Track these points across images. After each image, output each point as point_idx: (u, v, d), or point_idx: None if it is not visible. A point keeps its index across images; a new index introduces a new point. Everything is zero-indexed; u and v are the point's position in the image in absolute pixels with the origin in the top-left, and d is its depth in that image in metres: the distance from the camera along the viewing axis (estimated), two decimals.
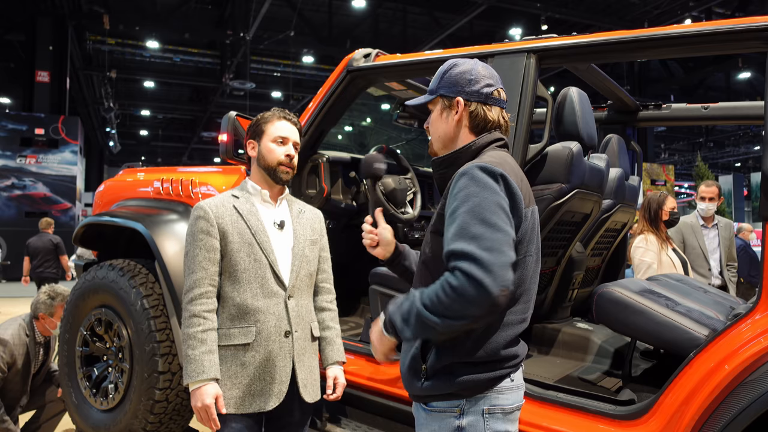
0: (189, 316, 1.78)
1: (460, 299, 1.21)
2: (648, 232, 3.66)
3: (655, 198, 3.74)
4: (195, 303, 1.79)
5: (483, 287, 1.19)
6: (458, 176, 1.34)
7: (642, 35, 2.01)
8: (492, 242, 1.23)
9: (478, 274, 1.19)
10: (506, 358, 1.37)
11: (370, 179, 1.94)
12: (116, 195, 3.34)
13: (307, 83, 21.53)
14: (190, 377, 1.74)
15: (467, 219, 1.26)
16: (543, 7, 15.24)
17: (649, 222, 3.69)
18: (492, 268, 1.20)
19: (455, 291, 1.21)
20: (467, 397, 1.35)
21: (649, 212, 3.69)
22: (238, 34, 16.55)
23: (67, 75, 17.19)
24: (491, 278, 1.19)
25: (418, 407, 1.45)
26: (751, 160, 28.98)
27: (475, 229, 1.24)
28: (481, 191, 1.28)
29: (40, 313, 3.37)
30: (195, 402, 1.73)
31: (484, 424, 1.34)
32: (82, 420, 2.95)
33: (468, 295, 1.20)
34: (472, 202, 1.27)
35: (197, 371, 1.73)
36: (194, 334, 1.76)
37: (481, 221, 1.25)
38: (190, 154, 32.77)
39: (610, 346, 2.42)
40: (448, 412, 1.35)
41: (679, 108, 3.08)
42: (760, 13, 9.98)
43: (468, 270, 1.20)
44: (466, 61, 1.51)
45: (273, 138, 1.92)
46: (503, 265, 1.22)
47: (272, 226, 1.91)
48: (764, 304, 1.66)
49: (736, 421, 1.52)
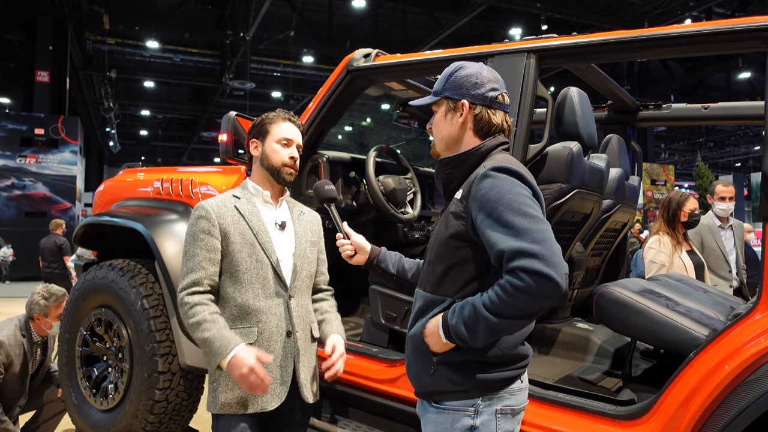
0: (190, 307, 1.75)
1: (531, 297, 1.23)
2: (663, 233, 3.55)
3: (675, 198, 3.60)
4: (195, 296, 1.77)
5: (550, 279, 1.21)
6: (480, 179, 1.35)
7: (642, 35, 2.01)
8: (540, 233, 1.26)
9: (541, 268, 1.21)
10: (517, 357, 1.40)
11: (326, 204, 1.97)
12: (116, 195, 3.34)
13: (307, 83, 21.53)
14: (219, 355, 1.68)
15: (509, 216, 1.28)
16: (543, 7, 15.25)
17: (667, 222, 3.57)
18: (551, 258, 1.23)
19: (523, 291, 1.23)
20: (481, 396, 1.36)
21: (668, 212, 3.57)
22: (238, 34, 16.56)
23: (67, 75, 17.19)
24: (553, 269, 1.22)
25: (425, 406, 1.45)
26: (751, 160, 28.99)
27: (519, 224, 1.26)
28: (512, 188, 1.31)
29: (35, 314, 3.37)
30: (239, 371, 1.65)
31: (496, 424, 1.36)
32: (82, 420, 2.95)
33: (538, 292, 1.22)
34: (507, 199, 1.29)
35: (223, 346, 1.68)
36: (204, 318, 1.72)
37: (522, 215, 1.27)
38: (190, 154, 32.78)
39: (610, 346, 2.42)
40: (462, 411, 1.36)
41: (679, 108, 3.08)
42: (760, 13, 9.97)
43: (530, 267, 1.22)
44: (472, 64, 1.52)
45: (278, 139, 1.92)
46: (557, 252, 1.25)
47: (273, 227, 1.91)
48: (764, 304, 1.66)
49: (736, 421, 1.52)
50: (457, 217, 1.40)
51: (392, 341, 2.50)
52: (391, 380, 2.27)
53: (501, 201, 1.29)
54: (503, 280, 1.26)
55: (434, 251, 1.47)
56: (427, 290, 1.46)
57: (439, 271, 1.43)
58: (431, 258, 1.47)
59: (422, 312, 1.45)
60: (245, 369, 1.65)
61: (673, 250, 3.49)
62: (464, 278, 1.39)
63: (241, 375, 1.66)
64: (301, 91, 21.86)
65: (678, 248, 3.50)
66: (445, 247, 1.43)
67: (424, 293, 1.47)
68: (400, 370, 2.23)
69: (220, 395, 1.79)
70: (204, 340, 1.72)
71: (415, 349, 1.45)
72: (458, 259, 1.40)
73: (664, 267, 3.42)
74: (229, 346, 1.68)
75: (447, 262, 1.42)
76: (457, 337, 1.33)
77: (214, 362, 1.71)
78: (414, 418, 1.60)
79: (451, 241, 1.41)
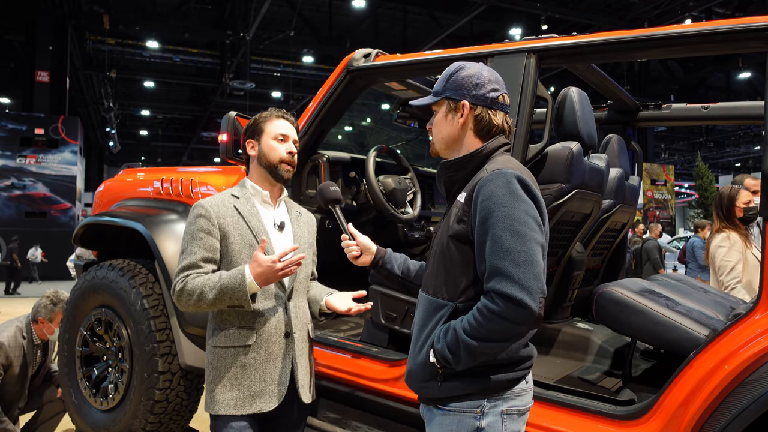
0: (181, 289, 1.75)
1: (505, 321, 1.26)
2: (729, 229, 3.29)
3: (725, 193, 3.38)
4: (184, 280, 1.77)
5: (522, 306, 1.24)
6: (481, 184, 1.35)
7: (642, 35, 2.01)
8: (523, 255, 1.27)
9: (515, 293, 1.24)
10: (523, 359, 1.40)
11: (331, 205, 1.98)
12: (116, 195, 3.34)
13: (307, 83, 21.54)
14: (240, 283, 1.68)
15: (498, 230, 1.29)
16: (543, 7, 15.26)
17: (725, 219, 3.33)
18: (527, 283, 1.25)
19: (497, 314, 1.25)
20: (487, 397, 1.36)
21: (722, 209, 3.35)
22: (238, 34, 16.58)
23: (67, 75, 17.21)
24: (527, 294, 1.24)
25: (430, 408, 1.44)
26: (751, 160, 29.00)
27: (506, 242, 1.28)
28: (508, 200, 1.31)
29: (40, 317, 3.37)
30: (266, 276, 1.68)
31: (502, 425, 1.36)
32: (82, 420, 2.95)
33: (511, 317, 1.25)
34: (501, 212, 1.30)
35: (236, 277, 1.69)
36: (207, 278, 1.73)
37: (512, 232, 1.28)
38: (190, 154, 32.79)
39: (610, 346, 2.42)
40: (468, 413, 1.36)
41: (679, 108, 3.08)
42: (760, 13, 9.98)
43: (504, 291, 1.25)
44: (473, 64, 1.51)
45: (274, 136, 1.91)
46: (536, 276, 1.26)
47: (272, 228, 1.91)
48: (764, 304, 1.66)
49: (736, 421, 1.52)
50: (459, 220, 1.40)
51: (392, 341, 2.50)
52: (392, 380, 2.26)
53: (495, 213, 1.30)
54: (480, 303, 1.30)
55: (436, 253, 1.47)
56: (429, 293, 1.46)
57: (440, 274, 1.43)
58: (433, 260, 1.47)
59: (426, 318, 1.44)
60: (266, 264, 1.66)
61: (744, 246, 3.24)
62: (465, 281, 1.39)
63: (271, 273, 1.67)
64: (301, 91, 21.87)
65: (748, 244, 3.27)
66: (447, 250, 1.43)
67: (426, 296, 1.47)
68: (401, 370, 2.22)
69: (218, 396, 1.79)
70: (220, 287, 1.70)
71: (415, 355, 1.45)
72: (459, 262, 1.40)
73: (738, 266, 3.19)
74: (240, 273, 1.68)
75: (448, 265, 1.42)
76: (444, 361, 1.35)
77: (244, 296, 1.69)
78: (414, 418, 1.60)
79: (453, 244, 1.41)
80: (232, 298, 1.70)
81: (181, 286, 1.76)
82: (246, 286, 1.69)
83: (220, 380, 1.80)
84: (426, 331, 1.42)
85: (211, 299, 1.72)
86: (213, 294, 1.71)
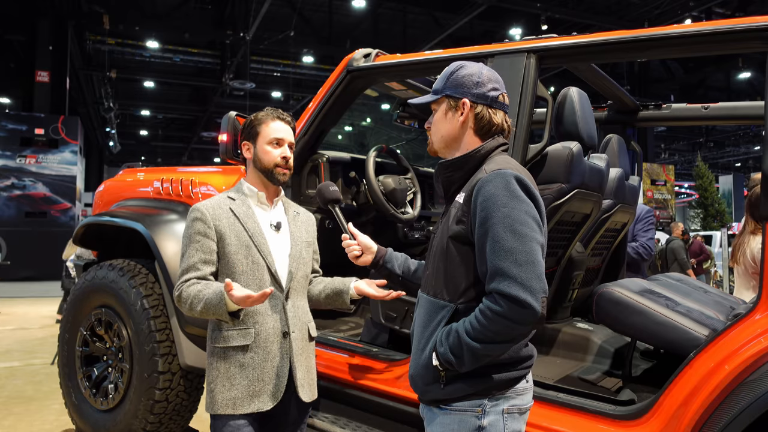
0: (185, 289, 1.76)
1: (507, 322, 1.26)
2: None
3: (755, 192, 3.19)
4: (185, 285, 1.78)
5: (524, 306, 1.24)
6: (480, 185, 1.35)
7: (642, 35, 2.01)
8: (525, 255, 1.27)
9: (517, 293, 1.24)
10: (524, 358, 1.41)
11: (330, 205, 1.98)
12: (116, 195, 3.34)
13: (307, 83, 21.53)
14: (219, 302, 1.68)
15: (499, 230, 1.29)
16: (543, 7, 15.26)
17: (760, 220, 3.05)
18: (529, 283, 1.25)
19: (500, 315, 1.26)
20: (488, 396, 1.36)
21: (758, 210, 3.15)
22: (238, 34, 16.58)
23: (67, 75, 17.19)
24: (530, 294, 1.24)
25: (430, 407, 1.44)
26: (751, 160, 29.00)
27: (507, 242, 1.28)
28: (508, 201, 1.31)
29: None
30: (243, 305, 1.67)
31: (503, 424, 1.36)
32: (82, 420, 2.95)
33: (513, 317, 1.25)
34: (501, 213, 1.30)
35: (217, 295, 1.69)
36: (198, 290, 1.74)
37: (512, 232, 1.29)
38: (190, 154, 32.77)
39: (610, 346, 2.42)
40: (469, 412, 1.36)
41: (679, 108, 3.08)
42: (760, 13, 9.97)
43: (506, 291, 1.25)
44: (473, 64, 1.51)
45: (268, 140, 1.91)
46: (538, 276, 1.27)
47: (269, 228, 1.91)
48: (764, 304, 1.66)
49: (736, 421, 1.52)
50: (458, 220, 1.40)
51: (392, 341, 2.50)
52: (392, 380, 2.26)
53: (495, 214, 1.30)
54: (483, 304, 1.30)
55: (436, 254, 1.47)
56: (430, 294, 1.45)
57: (440, 275, 1.43)
58: (433, 261, 1.47)
59: (427, 320, 1.44)
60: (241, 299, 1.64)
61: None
62: (466, 282, 1.39)
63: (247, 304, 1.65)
64: (301, 91, 21.86)
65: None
66: (446, 251, 1.42)
67: (426, 297, 1.47)
68: (401, 370, 2.22)
69: (218, 396, 1.79)
70: (201, 310, 1.73)
71: (417, 357, 1.45)
72: (460, 263, 1.39)
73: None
74: (219, 294, 1.68)
75: (449, 266, 1.41)
76: (447, 364, 1.35)
77: (224, 315, 1.70)
78: (414, 418, 1.59)
79: (452, 245, 1.41)
80: (215, 313, 1.73)
81: (178, 293, 1.80)
82: (225, 306, 1.69)
83: (219, 380, 1.80)
84: (427, 333, 1.42)
85: (199, 311, 1.75)
86: (200, 307, 1.74)
